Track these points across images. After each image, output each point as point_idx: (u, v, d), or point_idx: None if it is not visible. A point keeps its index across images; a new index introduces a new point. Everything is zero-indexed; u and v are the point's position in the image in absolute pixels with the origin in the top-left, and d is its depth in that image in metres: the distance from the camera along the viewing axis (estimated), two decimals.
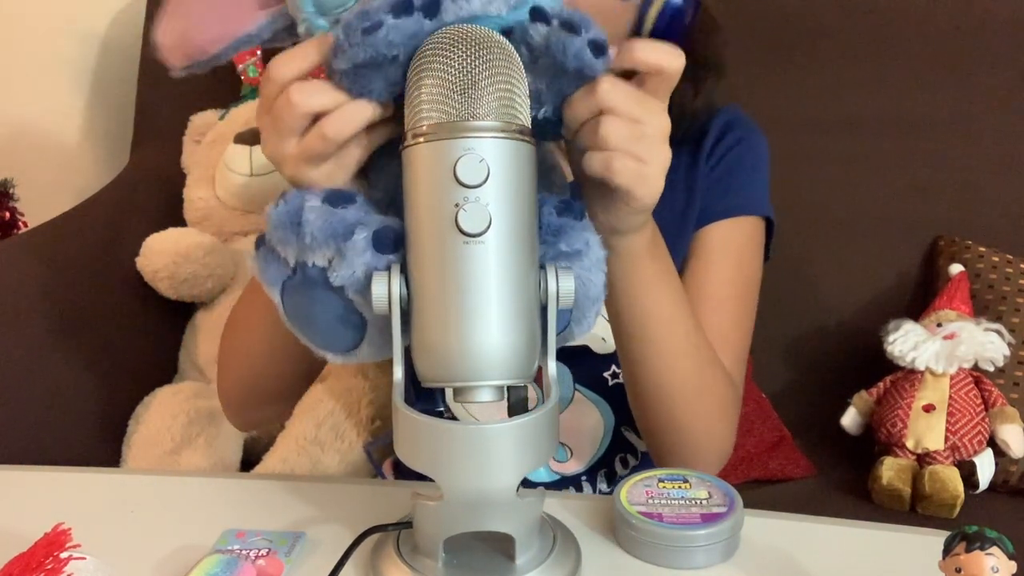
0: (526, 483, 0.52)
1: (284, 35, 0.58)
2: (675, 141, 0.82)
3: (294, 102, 0.54)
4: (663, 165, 0.58)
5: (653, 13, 0.71)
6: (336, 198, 0.54)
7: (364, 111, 0.54)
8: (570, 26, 0.52)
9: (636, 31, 0.73)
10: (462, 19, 0.53)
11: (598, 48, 0.53)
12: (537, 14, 0.53)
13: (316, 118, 0.54)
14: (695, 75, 0.80)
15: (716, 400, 0.76)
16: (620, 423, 0.87)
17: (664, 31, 0.72)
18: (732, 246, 0.84)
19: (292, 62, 0.54)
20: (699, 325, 0.75)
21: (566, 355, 0.76)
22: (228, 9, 0.58)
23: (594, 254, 0.57)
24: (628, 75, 0.58)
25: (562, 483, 0.87)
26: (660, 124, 0.57)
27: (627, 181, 0.57)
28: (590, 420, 0.86)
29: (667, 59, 0.57)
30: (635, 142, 0.56)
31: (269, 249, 0.56)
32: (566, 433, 0.86)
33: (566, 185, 0.61)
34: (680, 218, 0.83)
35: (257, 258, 0.57)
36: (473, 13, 0.53)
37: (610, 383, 0.86)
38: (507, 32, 0.54)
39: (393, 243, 0.53)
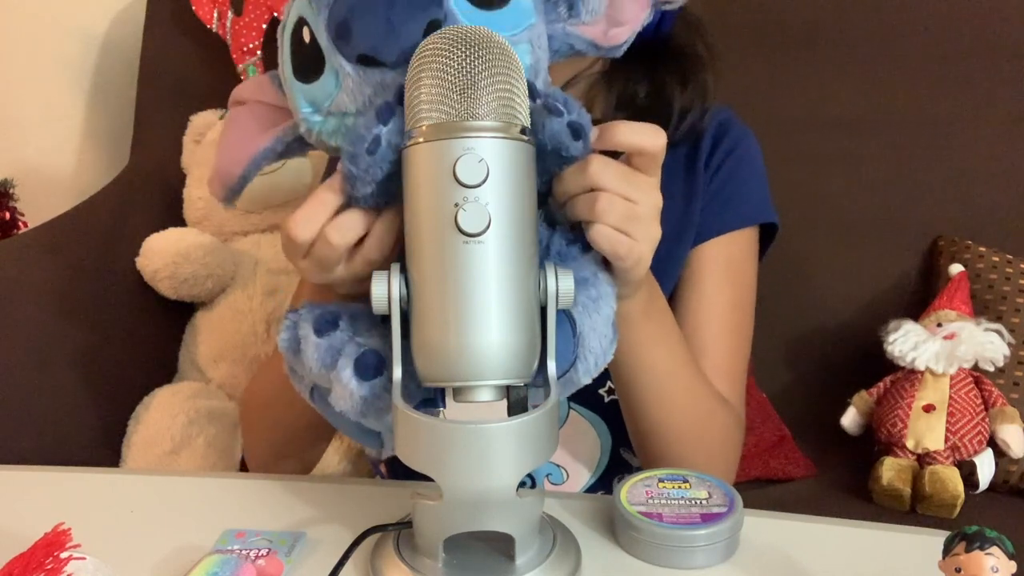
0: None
1: (296, 146, 0.62)
2: (671, 142, 0.83)
3: (333, 242, 0.56)
4: (653, 243, 0.60)
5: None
6: (321, 326, 0.56)
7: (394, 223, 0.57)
8: (551, 108, 0.53)
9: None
10: None
11: (576, 132, 0.54)
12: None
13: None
14: (681, 69, 0.82)
15: (717, 441, 0.77)
16: (617, 444, 0.86)
17: (648, 31, 0.72)
18: (730, 264, 0.84)
19: (311, 220, 0.57)
20: (700, 374, 0.76)
21: None
22: (246, 134, 0.63)
23: (602, 287, 0.58)
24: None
25: None
26: (652, 202, 0.59)
27: (620, 256, 0.58)
28: (586, 440, 0.85)
29: (648, 140, 0.58)
30: (628, 221, 0.57)
31: (289, 367, 0.60)
32: (562, 453, 0.85)
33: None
34: (677, 228, 0.83)
35: (285, 364, 0.60)
36: None
37: (606, 400, 0.85)
38: None
39: (375, 367, 0.54)
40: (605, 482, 0.87)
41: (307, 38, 0.57)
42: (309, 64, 0.57)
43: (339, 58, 0.55)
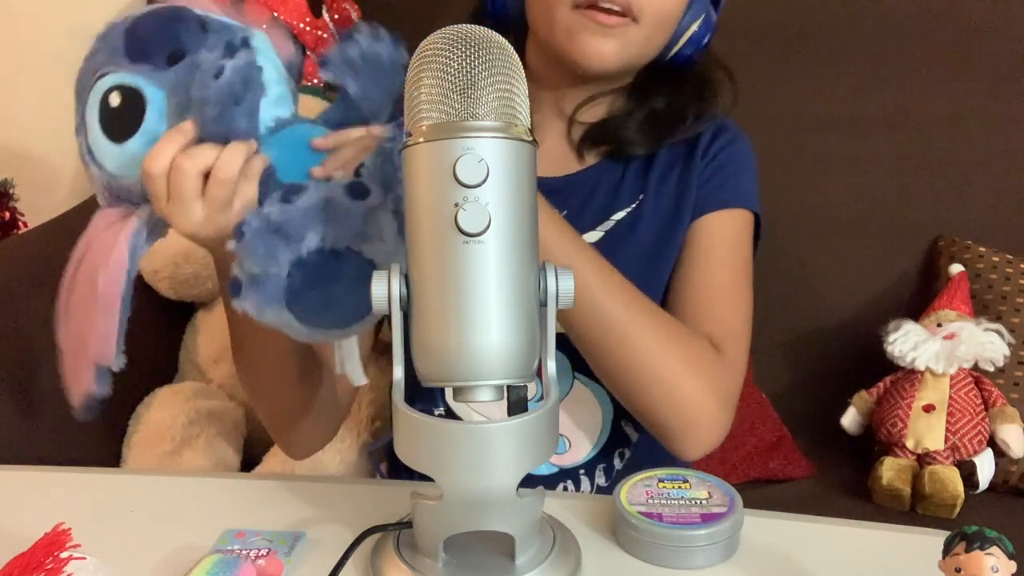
0: (526, 477, 0.52)
1: (160, 227, 0.66)
2: (674, 142, 0.90)
3: (184, 168, 0.61)
4: None
5: (682, 42, 0.85)
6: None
7: (240, 149, 0.61)
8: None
9: (663, 54, 0.87)
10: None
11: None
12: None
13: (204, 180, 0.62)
14: (697, 85, 0.89)
15: (682, 358, 0.77)
16: (619, 415, 0.87)
17: (687, 56, 0.87)
18: (727, 234, 0.88)
19: (163, 153, 0.61)
20: (638, 293, 0.78)
21: (566, 343, 0.77)
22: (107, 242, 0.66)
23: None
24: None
25: (560, 476, 0.87)
26: None
27: None
28: (589, 409, 0.86)
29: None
30: None
31: (253, 276, 0.59)
32: (565, 424, 0.86)
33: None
34: (673, 210, 0.87)
35: (248, 297, 0.60)
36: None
37: None
38: None
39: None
40: (606, 453, 0.88)
41: (115, 101, 0.65)
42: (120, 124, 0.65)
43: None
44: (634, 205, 0.88)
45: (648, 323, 0.77)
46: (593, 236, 0.87)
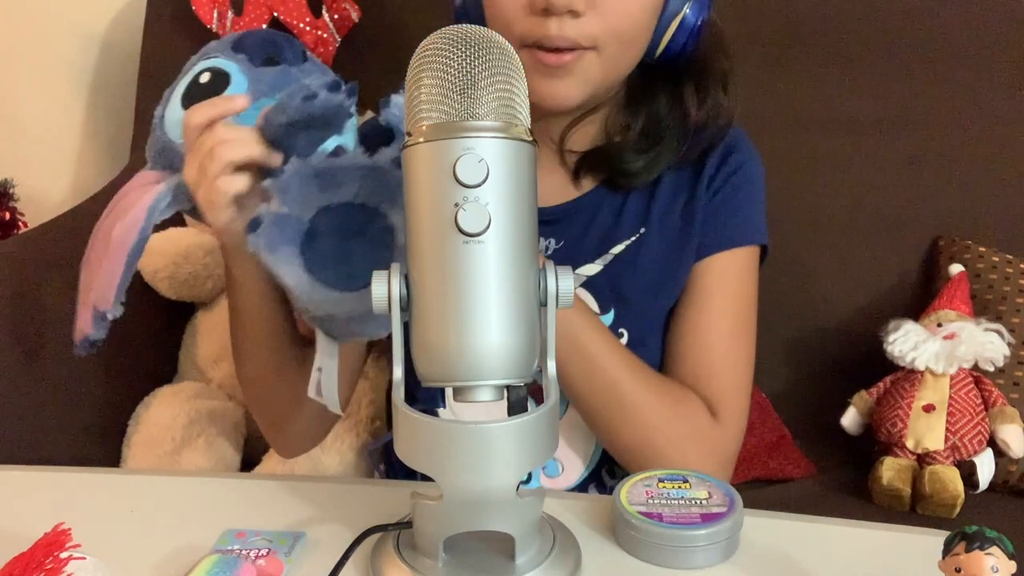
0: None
1: (184, 198, 0.69)
2: (680, 159, 0.83)
3: (217, 131, 0.64)
4: None
5: (668, 34, 0.76)
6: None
7: (274, 159, 0.64)
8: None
9: (651, 50, 0.77)
10: None
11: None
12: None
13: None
14: (699, 88, 0.82)
15: (681, 432, 0.78)
16: None
17: (677, 50, 0.77)
18: (730, 277, 0.84)
19: (207, 110, 0.65)
20: (641, 364, 0.78)
21: None
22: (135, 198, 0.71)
23: None
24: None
25: None
26: None
27: None
28: (583, 434, 0.85)
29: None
30: None
31: (277, 215, 0.61)
32: (560, 446, 0.86)
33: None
34: (676, 245, 0.84)
35: (265, 234, 0.61)
36: None
37: None
38: None
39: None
40: (597, 472, 0.87)
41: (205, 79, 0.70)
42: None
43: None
44: (635, 238, 0.84)
45: (649, 398, 0.77)
46: (591, 269, 0.84)
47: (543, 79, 0.74)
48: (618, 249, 0.84)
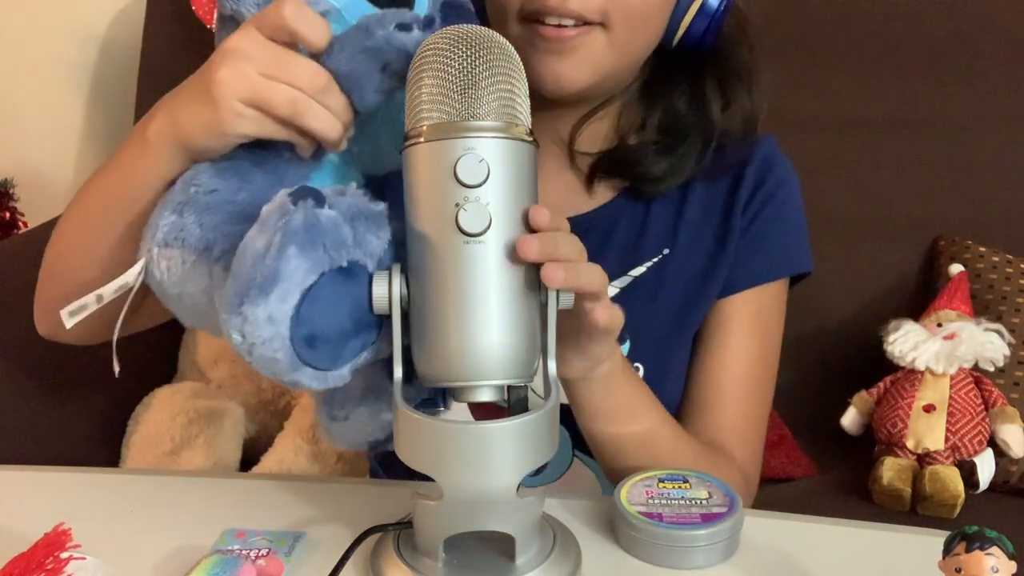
0: None
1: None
2: (710, 169, 0.75)
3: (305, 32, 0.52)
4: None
5: (687, 19, 0.69)
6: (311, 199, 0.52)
7: (335, 97, 0.54)
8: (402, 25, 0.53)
9: (669, 36, 0.71)
10: None
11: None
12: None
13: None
14: (725, 86, 0.75)
15: None
16: None
17: (697, 37, 0.70)
18: (759, 317, 0.78)
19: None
20: (681, 432, 0.72)
21: (568, 418, 0.67)
22: None
23: None
24: None
25: None
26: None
27: (607, 319, 0.57)
28: (587, 487, 0.81)
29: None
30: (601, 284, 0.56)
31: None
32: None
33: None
34: (703, 272, 0.76)
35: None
36: None
37: None
38: None
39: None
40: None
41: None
42: None
43: None
44: (657, 259, 0.76)
45: (673, 449, 0.71)
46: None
47: (544, 57, 0.66)
48: (638, 271, 0.76)
